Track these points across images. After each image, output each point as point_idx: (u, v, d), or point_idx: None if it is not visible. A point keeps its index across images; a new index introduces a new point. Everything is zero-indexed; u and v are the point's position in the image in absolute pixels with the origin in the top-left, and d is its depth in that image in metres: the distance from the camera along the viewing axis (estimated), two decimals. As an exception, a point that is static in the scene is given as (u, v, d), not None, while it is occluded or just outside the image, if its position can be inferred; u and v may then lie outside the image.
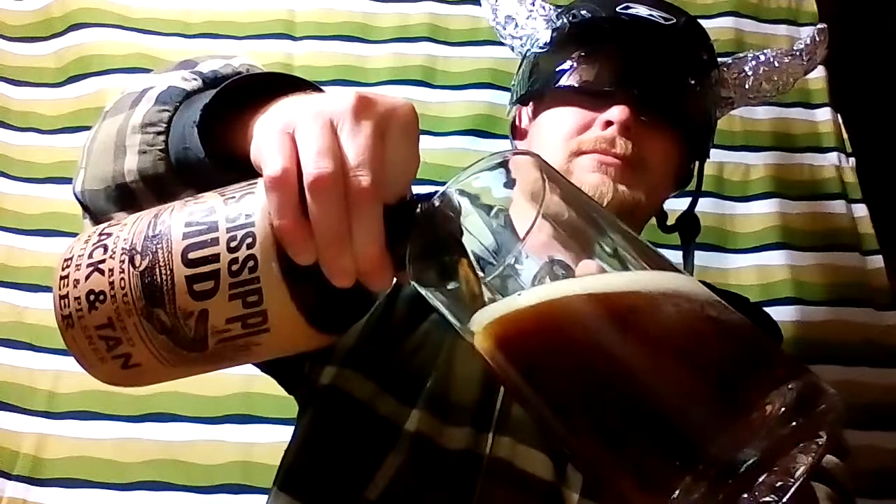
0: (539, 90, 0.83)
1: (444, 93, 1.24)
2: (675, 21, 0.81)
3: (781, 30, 1.30)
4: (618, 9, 0.81)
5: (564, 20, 0.84)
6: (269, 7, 1.28)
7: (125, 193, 0.51)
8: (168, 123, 0.50)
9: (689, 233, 0.90)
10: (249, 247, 0.38)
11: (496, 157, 0.39)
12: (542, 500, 0.63)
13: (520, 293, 0.35)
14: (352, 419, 0.69)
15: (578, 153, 0.75)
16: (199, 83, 0.52)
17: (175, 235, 0.40)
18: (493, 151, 0.41)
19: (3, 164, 1.17)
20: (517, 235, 0.36)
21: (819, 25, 1.00)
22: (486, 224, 0.39)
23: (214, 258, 0.38)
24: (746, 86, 0.93)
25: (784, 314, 1.08)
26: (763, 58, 0.94)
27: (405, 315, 0.73)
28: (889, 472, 1.01)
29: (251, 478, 0.99)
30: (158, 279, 0.39)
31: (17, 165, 1.17)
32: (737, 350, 0.33)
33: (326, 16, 1.28)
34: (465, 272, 0.38)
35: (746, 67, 0.93)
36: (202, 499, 0.99)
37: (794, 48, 0.96)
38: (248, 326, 0.39)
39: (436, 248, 0.39)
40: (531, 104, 0.87)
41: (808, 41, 0.96)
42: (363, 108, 0.38)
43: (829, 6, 1.32)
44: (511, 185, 0.40)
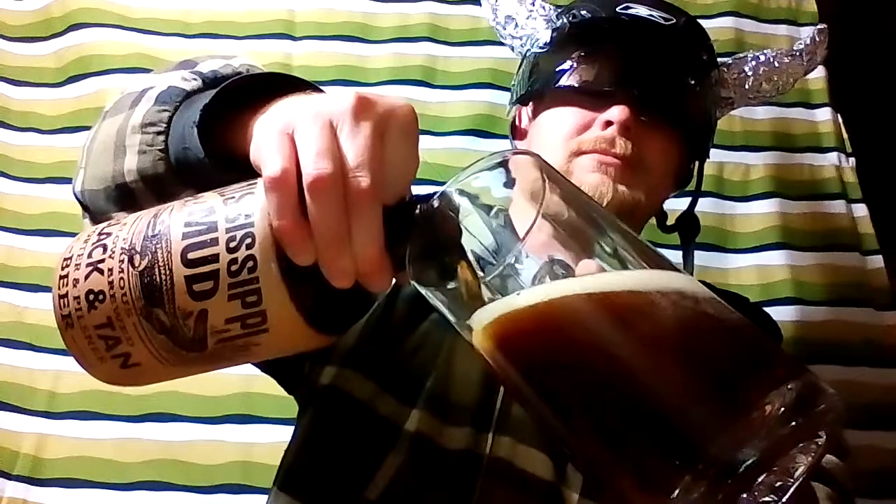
0: (539, 90, 0.83)
1: (444, 93, 1.24)
2: (675, 21, 0.81)
3: (781, 30, 1.30)
4: (618, 9, 0.81)
5: (564, 20, 0.84)
6: (269, 7, 1.28)
7: (125, 193, 0.51)
8: (168, 123, 0.50)
9: (689, 233, 0.90)
10: (249, 247, 0.38)
11: (496, 157, 0.39)
12: (542, 500, 0.63)
13: (519, 292, 0.35)
14: (352, 419, 0.69)
15: (578, 153, 0.75)
16: (199, 83, 0.52)
17: (174, 235, 0.39)
18: (493, 151, 0.41)
19: (3, 164, 1.17)
20: (517, 235, 0.36)
21: (819, 25, 0.99)
22: (486, 224, 0.39)
23: (214, 258, 0.38)
24: (746, 86, 0.93)
25: (784, 314, 1.08)
26: (763, 58, 0.94)
27: (405, 315, 0.73)
28: (889, 472, 1.01)
29: (251, 478, 0.99)
30: (158, 279, 0.39)
31: (17, 165, 1.17)
32: (736, 350, 0.33)
33: (326, 16, 1.28)
34: (465, 272, 0.38)
35: (746, 67, 0.93)
36: (202, 499, 0.99)
37: (794, 48, 0.96)
38: (248, 327, 0.39)
39: (435, 249, 0.39)
40: (531, 104, 0.87)
41: (808, 41, 0.96)
42: (363, 109, 0.38)
43: (829, 6, 1.32)
44: (511, 185, 0.40)
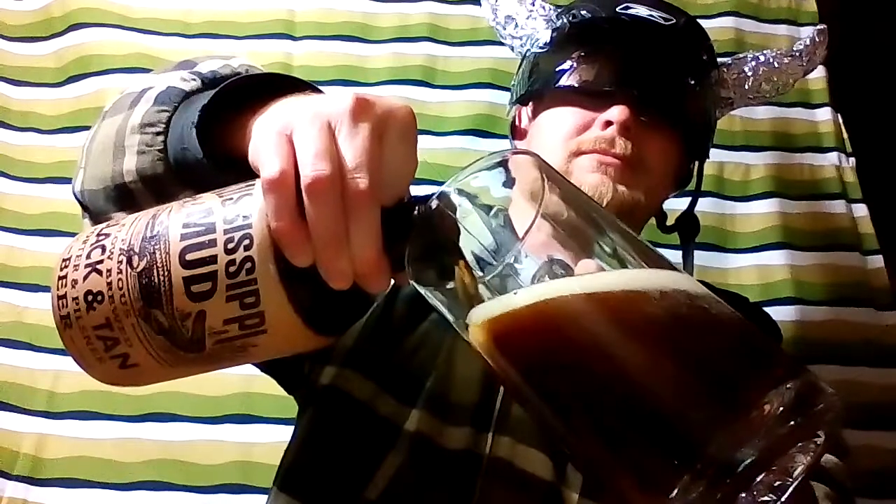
0: (539, 90, 0.83)
1: (444, 93, 1.24)
2: (675, 21, 0.81)
3: (781, 30, 1.30)
4: (618, 9, 0.81)
5: (564, 20, 0.84)
6: (269, 7, 1.28)
7: (124, 194, 0.51)
8: (167, 124, 0.50)
9: (689, 233, 0.90)
10: (247, 248, 0.38)
11: (495, 157, 0.39)
12: (542, 500, 0.63)
13: (517, 291, 0.35)
14: (352, 419, 0.69)
15: (578, 153, 0.75)
16: (198, 84, 0.52)
17: (173, 237, 0.39)
18: (493, 151, 0.41)
19: (3, 164, 1.17)
20: (516, 235, 0.36)
21: (819, 26, 0.99)
22: (486, 224, 0.39)
23: (212, 259, 0.38)
24: (746, 86, 0.93)
25: (784, 314, 1.08)
26: (763, 58, 0.94)
27: (405, 315, 0.73)
28: (889, 472, 1.01)
29: (251, 478, 0.99)
30: (156, 280, 0.39)
31: (17, 165, 1.17)
32: (735, 349, 0.33)
33: (326, 16, 1.28)
34: (464, 272, 0.38)
35: (746, 68, 0.93)
36: (202, 499, 0.99)
37: (794, 49, 0.96)
38: (246, 328, 0.39)
39: (434, 249, 0.39)
40: (531, 104, 0.87)
41: (808, 42, 0.96)
42: (361, 111, 0.38)
43: (829, 6, 1.32)
44: (510, 185, 0.40)
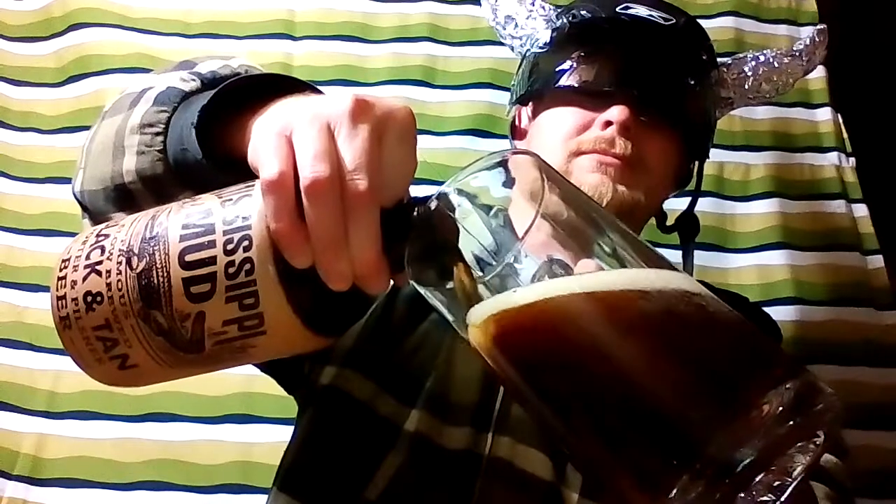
0: (539, 90, 0.83)
1: (444, 93, 1.24)
2: (675, 21, 0.81)
3: (781, 30, 1.30)
4: (618, 9, 0.81)
5: (564, 20, 0.84)
6: (269, 7, 1.28)
7: (124, 194, 0.51)
8: (166, 124, 0.49)
9: (689, 233, 0.90)
10: (246, 249, 0.38)
11: (495, 157, 0.39)
12: (542, 500, 0.63)
13: (516, 290, 0.35)
14: (351, 419, 0.69)
15: (578, 153, 0.75)
16: (198, 84, 0.52)
17: (172, 237, 0.39)
18: (492, 151, 0.41)
19: (3, 164, 1.17)
20: (516, 235, 0.36)
21: (819, 26, 0.99)
22: (485, 224, 0.39)
23: (211, 260, 0.38)
24: (746, 86, 0.93)
25: (784, 314, 1.08)
26: (763, 58, 0.94)
27: (404, 315, 0.73)
28: (889, 472, 1.01)
29: (251, 478, 0.99)
30: (155, 281, 0.39)
31: (17, 165, 1.17)
32: (735, 349, 0.33)
33: (326, 16, 1.28)
34: (463, 272, 0.38)
35: (746, 68, 0.93)
36: (202, 499, 0.99)
37: (794, 49, 0.96)
38: (245, 329, 0.39)
39: (434, 249, 0.39)
40: (531, 104, 0.87)
41: (808, 42, 0.96)
42: (360, 112, 0.38)
43: (829, 6, 1.32)
44: (510, 185, 0.40)
